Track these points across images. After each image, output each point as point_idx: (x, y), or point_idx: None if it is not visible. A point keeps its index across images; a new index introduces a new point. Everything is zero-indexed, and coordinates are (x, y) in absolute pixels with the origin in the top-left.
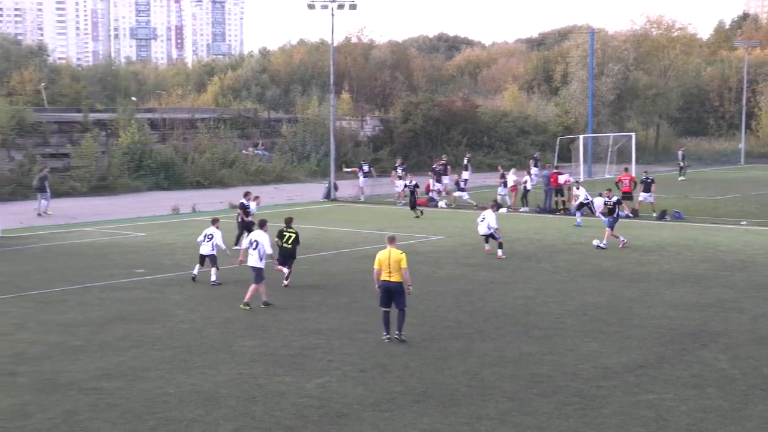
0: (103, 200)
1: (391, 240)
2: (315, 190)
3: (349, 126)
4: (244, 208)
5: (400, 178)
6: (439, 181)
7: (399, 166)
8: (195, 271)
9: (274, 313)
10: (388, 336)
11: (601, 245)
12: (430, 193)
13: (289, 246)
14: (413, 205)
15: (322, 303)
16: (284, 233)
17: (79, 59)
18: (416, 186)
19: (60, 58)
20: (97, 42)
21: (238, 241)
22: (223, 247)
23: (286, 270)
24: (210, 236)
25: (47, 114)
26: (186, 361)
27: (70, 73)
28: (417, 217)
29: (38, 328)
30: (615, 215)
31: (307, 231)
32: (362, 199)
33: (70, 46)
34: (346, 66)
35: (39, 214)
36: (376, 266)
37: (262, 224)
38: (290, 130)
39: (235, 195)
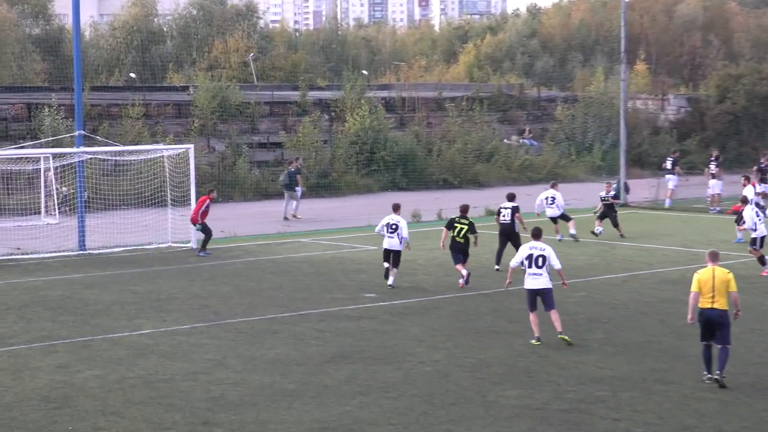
0: (323, 203)
1: (714, 256)
2: (598, 191)
3: (646, 107)
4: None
5: (713, 176)
6: (764, 180)
7: (713, 160)
8: (390, 281)
9: (543, 354)
10: (709, 376)
11: None
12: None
13: (461, 240)
14: (615, 223)
15: (606, 342)
16: (455, 224)
17: (296, 22)
18: (615, 197)
19: (273, 21)
20: (319, 0)
21: (498, 259)
22: (407, 238)
23: (465, 271)
24: (394, 226)
25: (256, 92)
26: (427, 414)
27: (285, 40)
28: (596, 234)
29: (240, 366)
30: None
31: (588, 246)
32: (668, 205)
33: (285, 6)
34: (641, 27)
35: (285, 218)
36: (693, 289)
37: (537, 234)
38: (566, 112)
39: (493, 197)
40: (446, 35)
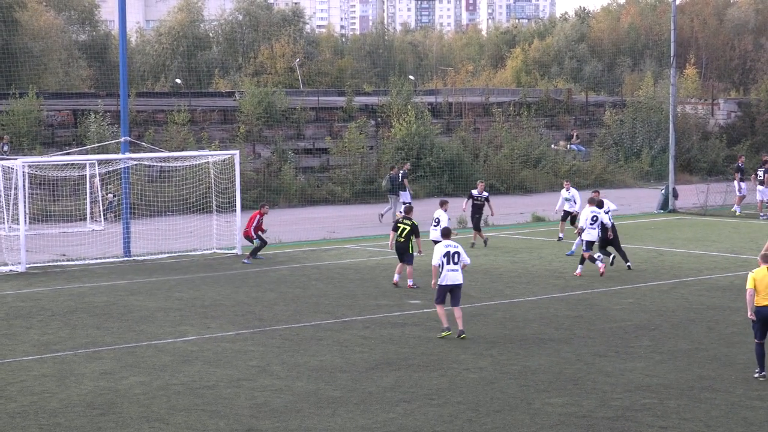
0: (369, 209)
1: (766, 258)
2: (647, 197)
3: (695, 112)
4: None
5: (761, 183)
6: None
7: (762, 166)
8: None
9: (589, 361)
10: (763, 373)
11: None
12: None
13: (402, 240)
14: (477, 226)
15: (653, 349)
16: (398, 224)
17: (343, 27)
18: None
19: (320, 26)
20: (366, 4)
21: (625, 258)
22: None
23: (397, 276)
24: (437, 220)
25: (302, 98)
26: (472, 421)
27: (331, 45)
28: (472, 245)
29: (284, 373)
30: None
31: (636, 252)
32: (737, 212)
33: (332, 11)
34: (692, 31)
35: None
36: (749, 286)
37: (447, 234)
38: (615, 117)
39: (540, 203)
40: (494, 40)
